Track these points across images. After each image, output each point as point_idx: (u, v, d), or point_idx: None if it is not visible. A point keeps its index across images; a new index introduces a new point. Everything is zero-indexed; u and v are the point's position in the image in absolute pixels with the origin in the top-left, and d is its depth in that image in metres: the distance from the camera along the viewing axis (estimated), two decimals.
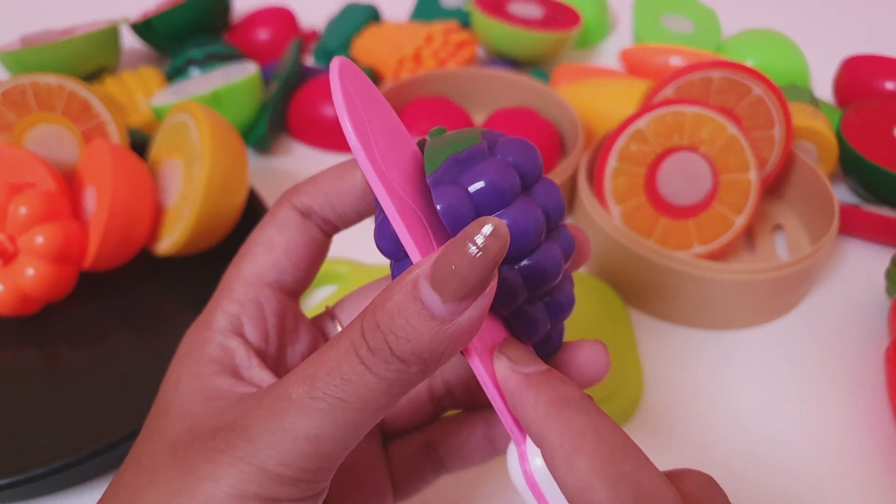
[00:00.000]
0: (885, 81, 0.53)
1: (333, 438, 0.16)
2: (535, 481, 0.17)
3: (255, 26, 0.62)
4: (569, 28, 0.57)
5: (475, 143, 0.18)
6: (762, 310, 0.38)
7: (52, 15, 0.70)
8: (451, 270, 0.15)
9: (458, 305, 0.15)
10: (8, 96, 0.38)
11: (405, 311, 0.16)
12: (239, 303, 0.20)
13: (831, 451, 0.33)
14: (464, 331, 0.16)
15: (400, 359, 0.16)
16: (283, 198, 0.21)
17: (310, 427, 0.16)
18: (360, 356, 0.16)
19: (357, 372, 0.16)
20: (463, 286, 0.15)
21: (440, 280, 0.15)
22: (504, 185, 0.17)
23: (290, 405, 0.16)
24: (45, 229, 0.35)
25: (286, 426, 0.16)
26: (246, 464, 0.16)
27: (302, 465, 0.16)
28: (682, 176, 0.40)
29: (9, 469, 0.29)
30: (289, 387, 0.17)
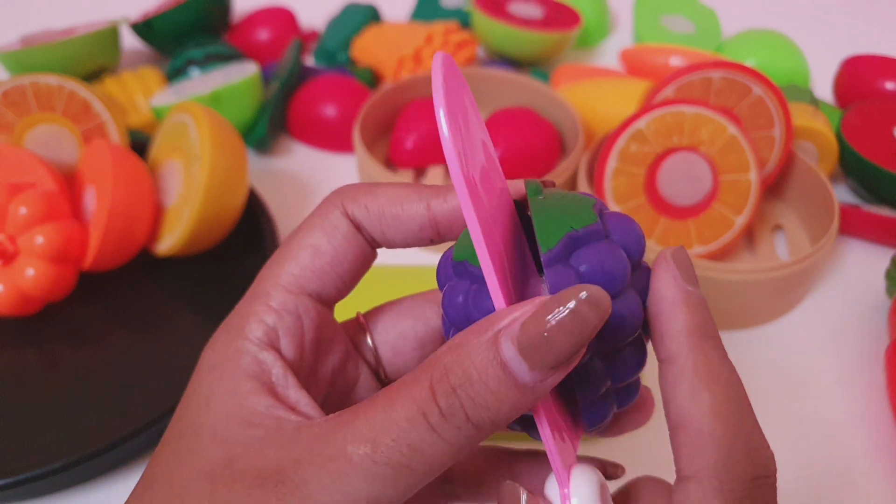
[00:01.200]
0: (885, 81, 0.53)
1: (393, 499, 0.15)
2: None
3: (255, 26, 0.62)
4: (569, 28, 0.57)
5: (592, 222, 0.17)
6: (762, 310, 0.38)
7: (52, 15, 0.69)
8: (543, 337, 0.14)
9: (544, 373, 0.14)
10: (8, 96, 0.38)
11: (486, 376, 0.14)
12: (276, 312, 0.18)
13: (831, 450, 0.33)
14: (542, 396, 0.15)
15: (475, 426, 0.15)
16: (334, 199, 0.20)
17: (372, 492, 0.15)
18: (430, 423, 0.15)
19: (426, 440, 0.15)
20: (555, 355, 0.14)
21: (530, 346, 0.14)
22: (617, 275, 0.16)
23: (349, 467, 0.15)
24: (45, 229, 0.35)
25: (345, 489, 0.15)
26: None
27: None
28: (683, 176, 0.40)
29: (9, 469, 0.29)
30: (347, 446, 0.15)
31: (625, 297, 0.16)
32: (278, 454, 0.16)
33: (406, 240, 0.20)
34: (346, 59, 0.59)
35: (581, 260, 0.16)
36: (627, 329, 0.16)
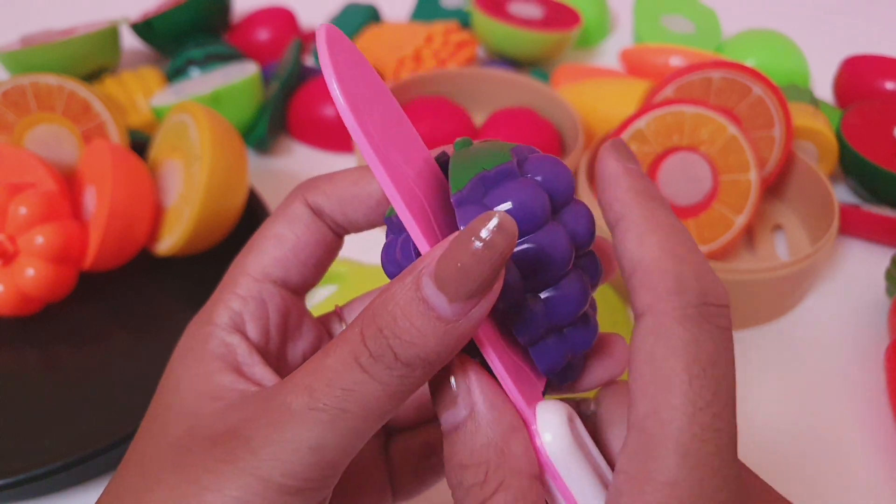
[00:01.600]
0: (885, 81, 0.53)
1: (336, 447, 0.16)
2: (547, 457, 0.16)
3: (255, 26, 0.62)
4: (569, 28, 0.57)
5: (504, 161, 0.17)
6: (762, 310, 0.38)
7: (52, 15, 0.70)
8: (457, 268, 0.14)
9: (464, 305, 0.15)
10: (8, 96, 0.38)
11: (409, 313, 0.15)
12: (242, 298, 0.20)
13: (831, 450, 0.33)
14: (469, 330, 0.15)
15: (405, 364, 0.15)
16: (296, 192, 0.21)
17: (312, 438, 0.16)
18: (361, 364, 0.15)
19: (358, 381, 0.15)
20: (470, 284, 0.15)
21: (445, 278, 0.15)
22: (533, 207, 0.16)
23: (290, 416, 0.16)
24: (45, 230, 0.35)
25: (288, 437, 0.16)
26: (249, 475, 0.16)
27: (306, 474, 0.16)
28: (683, 176, 0.40)
29: (9, 469, 0.29)
30: (287, 396, 0.16)
31: (547, 230, 0.16)
32: (234, 418, 0.17)
33: (368, 218, 0.21)
34: None
35: (493, 198, 0.16)
36: (555, 262, 0.16)
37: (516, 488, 0.16)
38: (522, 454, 0.16)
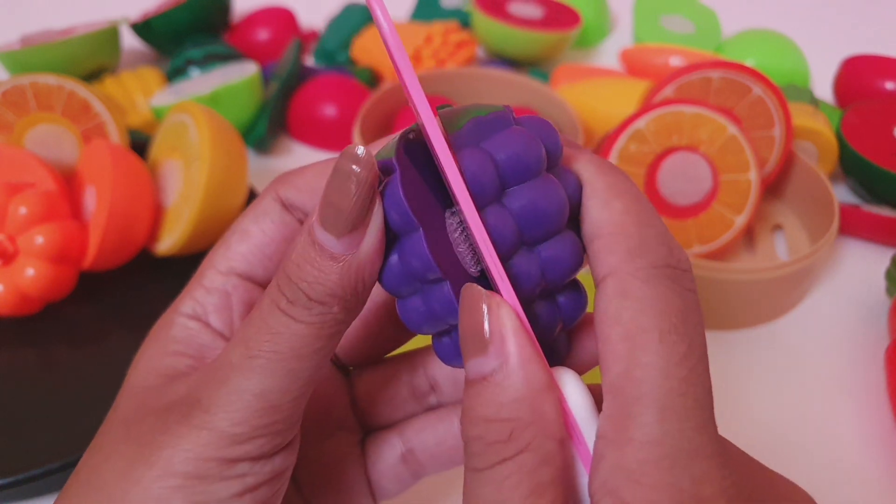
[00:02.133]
0: (885, 81, 0.53)
1: (279, 389, 0.17)
2: (574, 421, 0.16)
3: (255, 26, 0.62)
4: (568, 28, 0.57)
5: (499, 110, 0.17)
6: (762, 310, 0.38)
7: (52, 15, 0.69)
8: (332, 206, 0.16)
9: (351, 238, 0.16)
10: (7, 96, 0.38)
11: (308, 257, 0.16)
12: (206, 290, 0.20)
13: (831, 451, 0.33)
14: (367, 262, 0.16)
15: (319, 302, 0.16)
16: (269, 186, 0.21)
17: (253, 384, 0.17)
18: (282, 309, 0.17)
19: (283, 323, 0.17)
20: (347, 218, 0.16)
21: (326, 218, 0.16)
22: (530, 155, 0.16)
23: (231, 370, 0.17)
24: (45, 229, 0.35)
25: (232, 388, 0.17)
26: (201, 430, 0.17)
27: (254, 421, 0.17)
28: (682, 176, 0.40)
29: (9, 469, 0.29)
30: (228, 353, 0.17)
31: (543, 179, 0.16)
32: (185, 387, 0.18)
33: None
34: (346, 59, 0.59)
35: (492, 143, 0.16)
36: (551, 214, 0.16)
37: (544, 451, 0.15)
38: (554, 417, 0.15)
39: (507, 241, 0.16)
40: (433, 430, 0.23)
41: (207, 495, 0.16)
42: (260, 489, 0.17)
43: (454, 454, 0.23)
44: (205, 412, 0.17)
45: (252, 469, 0.17)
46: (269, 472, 0.17)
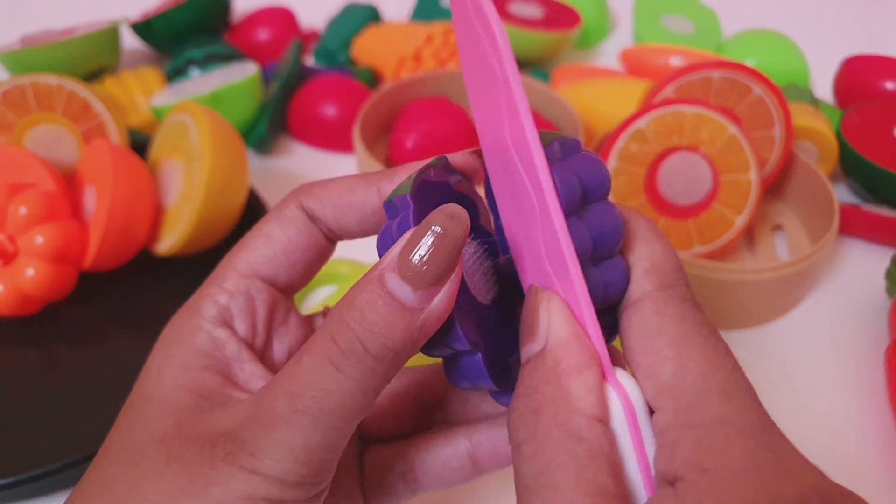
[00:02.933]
0: (885, 81, 0.53)
1: (321, 445, 0.17)
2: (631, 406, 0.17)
3: (255, 26, 0.62)
4: (569, 28, 0.57)
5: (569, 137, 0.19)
6: (762, 310, 0.38)
7: (52, 15, 0.69)
8: (418, 258, 0.16)
9: (426, 293, 0.16)
10: (8, 96, 0.38)
11: (375, 306, 0.16)
12: (229, 293, 0.20)
13: (831, 450, 0.33)
14: (434, 319, 0.16)
15: (374, 356, 0.16)
16: (292, 195, 0.21)
17: (299, 439, 0.16)
18: (333, 363, 0.16)
19: (332, 379, 0.16)
20: (429, 272, 0.16)
21: (407, 269, 0.16)
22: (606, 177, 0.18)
23: (277, 420, 0.17)
24: (45, 229, 0.35)
25: (279, 440, 0.16)
26: (250, 472, 0.16)
27: (301, 472, 0.17)
28: (683, 176, 0.40)
29: (9, 469, 0.29)
30: (274, 402, 0.17)
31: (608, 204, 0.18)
32: (226, 420, 0.18)
33: (361, 226, 0.21)
34: (346, 59, 0.59)
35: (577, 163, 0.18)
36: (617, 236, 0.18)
37: (571, 425, 0.15)
38: (584, 395, 0.16)
39: (583, 253, 0.17)
40: (439, 451, 0.22)
41: None
42: None
43: (459, 474, 0.22)
44: (251, 456, 0.17)
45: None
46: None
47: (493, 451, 0.22)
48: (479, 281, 0.19)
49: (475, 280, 0.19)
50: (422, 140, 0.46)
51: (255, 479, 0.16)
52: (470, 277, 0.19)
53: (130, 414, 0.19)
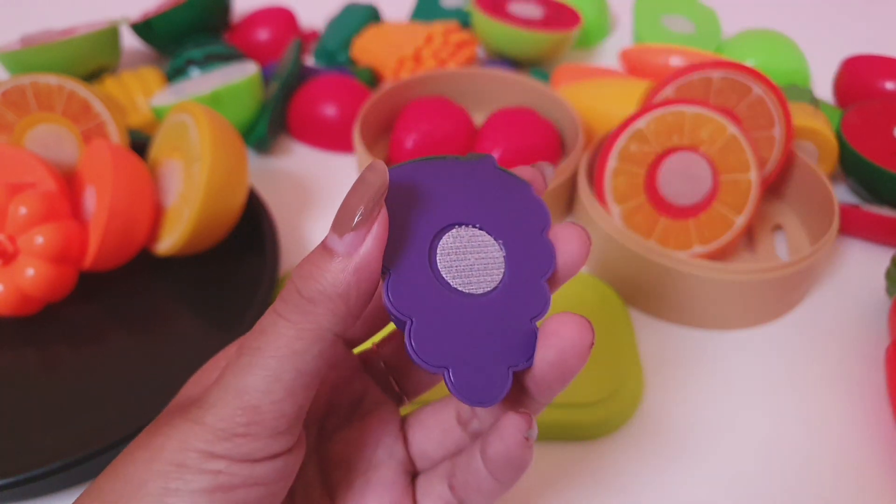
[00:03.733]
0: (885, 81, 0.53)
1: (256, 388, 0.17)
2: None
3: (255, 26, 0.62)
4: (569, 28, 0.57)
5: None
6: (762, 310, 0.38)
7: (52, 15, 0.70)
8: (342, 207, 0.17)
9: (353, 237, 0.17)
10: (8, 96, 0.38)
11: (311, 258, 0.18)
12: None
13: (831, 450, 0.33)
14: (365, 264, 0.17)
15: (307, 299, 0.17)
16: None
17: (237, 381, 0.18)
18: (274, 309, 0.18)
19: (270, 321, 0.18)
20: (350, 215, 0.17)
21: (336, 220, 0.18)
22: None
23: (226, 369, 0.18)
24: (45, 229, 0.35)
25: (222, 385, 0.18)
26: (194, 423, 0.18)
27: (235, 418, 0.17)
28: (682, 176, 0.40)
29: (9, 469, 0.29)
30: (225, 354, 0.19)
31: None
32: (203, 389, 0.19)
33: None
34: (346, 59, 0.59)
35: None
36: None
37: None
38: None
39: None
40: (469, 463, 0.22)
41: (181, 483, 0.17)
42: (234, 492, 0.17)
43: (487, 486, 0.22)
44: (199, 408, 0.18)
45: (229, 468, 0.17)
46: (247, 479, 0.18)
47: None
48: (458, 264, 0.20)
49: (449, 260, 0.20)
50: (422, 140, 0.46)
51: (195, 428, 0.17)
52: (445, 255, 0.20)
53: None
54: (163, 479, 0.17)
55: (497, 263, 0.20)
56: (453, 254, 0.20)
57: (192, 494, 0.17)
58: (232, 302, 0.38)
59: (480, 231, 0.21)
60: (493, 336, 0.19)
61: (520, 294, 0.20)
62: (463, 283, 0.20)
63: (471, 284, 0.20)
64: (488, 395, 0.19)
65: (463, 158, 0.21)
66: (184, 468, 0.17)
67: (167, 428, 0.18)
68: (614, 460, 0.32)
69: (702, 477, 0.32)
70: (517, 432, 0.20)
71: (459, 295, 0.19)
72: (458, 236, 0.20)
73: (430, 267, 0.19)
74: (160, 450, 0.18)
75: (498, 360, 0.19)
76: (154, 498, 0.17)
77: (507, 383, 0.19)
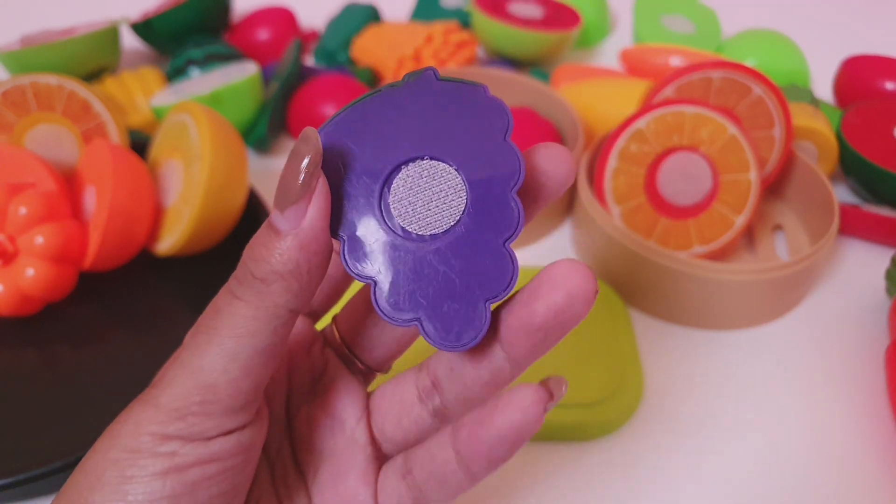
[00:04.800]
0: (885, 81, 0.53)
1: (213, 367, 0.17)
2: None
3: (255, 26, 0.62)
4: (569, 28, 0.57)
5: None
6: (762, 310, 0.38)
7: (52, 15, 0.69)
8: (284, 184, 0.17)
9: (293, 212, 0.17)
10: (8, 96, 0.38)
11: (259, 238, 0.18)
12: None
13: (831, 450, 0.33)
14: (309, 238, 0.17)
15: (260, 279, 0.17)
16: None
17: (192, 360, 0.18)
18: (230, 290, 0.18)
19: (226, 301, 0.18)
20: (288, 190, 0.17)
21: (277, 198, 0.17)
22: None
23: (182, 349, 0.18)
24: (45, 229, 0.35)
25: (177, 365, 0.18)
26: (147, 405, 0.18)
27: (190, 397, 0.17)
28: (682, 176, 0.40)
29: (9, 469, 0.29)
30: (184, 337, 0.19)
31: None
32: None
33: None
34: (346, 59, 0.59)
35: None
36: None
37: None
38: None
39: None
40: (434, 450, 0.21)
41: (136, 469, 0.17)
42: (189, 471, 0.17)
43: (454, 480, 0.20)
44: (154, 387, 0.18)
45: (182, 449, 0.17)
46: (202, 457, 0.18)
47: None
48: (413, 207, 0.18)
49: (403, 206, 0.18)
50: None
51: (149, 410, 0.17)
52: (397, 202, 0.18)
53: None
54: (119, 468, 0.17)
55: (457, 191, 0.18)
56: (406, 197, 0.18)
57: (148, 479, 0.17)
58: None
59: (431, 161, 0.19)
60: (464, 273, 0.18)
61: (486, 218, 0.18)
62: (422, 226, 0.18)
63: (430, 225, 0.18)
64: (467, 335, 0.18)
65: (398, 84, 0.19)
66: (138, 453, 0.17)
67: (124, 413, 0.18)
68: (614, 460, 0.32)
69: (701, 477, 0.32)
70: (540, 402, 0.18)
71: (419, 240, 0.18)
72: (408, 177, 0.19)
73: (384, 219, 0.18)
74: (115, 436, 0.18)
75: (472, 297, 0.18)
76: (112, 487, 0.17)
77: (486, 319, 0.18)
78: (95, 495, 0.17)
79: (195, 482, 0.17)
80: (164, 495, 0.17)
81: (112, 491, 0.17)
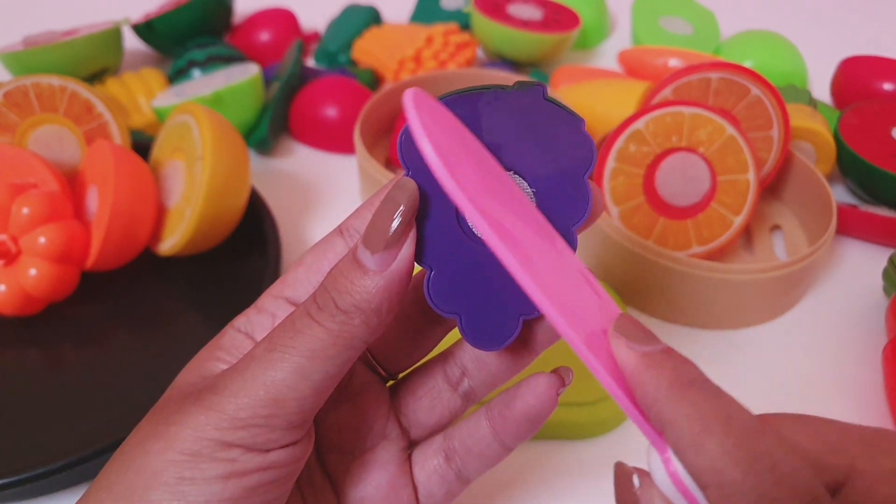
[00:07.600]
0: (883, 82, 0.53)
1: (285, 383, 0.18)
2: (684, 483, 0.16)
3: (257, 28, 0.62)
4: (568, 30, 0.58)
5: None
6: (760, 310, 0.39)
7: (55, 16, 0.70)
8: (372, 226, 0.18)
9: (384, 256, 0.18)
10: (10, 97, 0.39)
11: (345, 271, 0.18)
12: (257, 310, 0.22)
13: None
14: (394, 281, 0.18)
15: (343, 311, 0.18)
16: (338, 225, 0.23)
17: (266, 374, 0.18)
18: (310, 313, 0.19)
19: (306, 325, 0.18)
20: (380, 235, 0.18)
21: (367, 237, 0.18)
22: None
23: (252, 360, 0.19)
24: (48, 230, 0.35)
25: (246, 376, 0.18)
26: (209, 410, 0.18)
27: (257, 409, 0.18)
28: (681, 176, 0.40)
29: (9, 469, 0.29)
30: (254, 350, 0.19)
31: None
32: (214, 378, 0.20)
33: None
34: (347, 61, 0.59)
35: None
36: None
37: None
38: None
39: None
40: (471, 429, 0.23)
41: (196, 472, 0.18)
42: (248, 478, 0.18)
43: (485, 451, 0.23)
44: (215, 394, 0.18)
45: (243, 456, 0.18)
46: (261, 465, 0.18)
47: None
48: None
49: None
50: None
51: (211, 415, 0.18)
52: None
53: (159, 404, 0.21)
54: (178, 469, 0.18)
55: None
56: None
57: (207, 481, 0.18)
58: (234, 302, 0.38)
59: (515, 177, 0.20)
60: (508, 287, 0.19)
61: None
62: None
63: None
64: (496, 340, 0.20)
65: (508, 88, 0.20)
66: (198, 457, 0.18)
67: (179, 415, 0.18)
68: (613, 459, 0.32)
69: None
70: (552, 388, 0.21)
71: (480, 243, 0.20)
72: None
73: (455, 215, 0.20)
74: (174, 439, 0.18)
75: (511, 310, 0.20)
76: (170, 487, 0.18)
77: (516, 331, 0.20)
78: (153, 493, 0.18)
79: (252, 488, 0.18)
80: (223, 498, 0.18)
81: (170, 491, 0.18)
